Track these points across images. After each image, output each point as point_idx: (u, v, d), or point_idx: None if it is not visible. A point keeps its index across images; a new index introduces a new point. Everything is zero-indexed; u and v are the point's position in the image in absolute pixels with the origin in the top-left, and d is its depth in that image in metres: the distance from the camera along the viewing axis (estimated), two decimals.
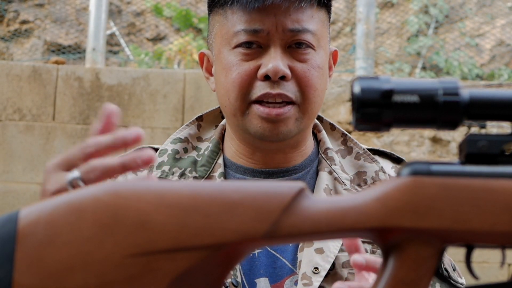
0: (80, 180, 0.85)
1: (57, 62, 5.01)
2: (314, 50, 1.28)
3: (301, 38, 1.26)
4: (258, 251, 1.29)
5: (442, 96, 0.72)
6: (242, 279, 1.27)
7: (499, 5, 7.40)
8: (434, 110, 0.72)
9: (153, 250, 0.69)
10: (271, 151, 1.31)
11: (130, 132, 0.86)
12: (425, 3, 7.29)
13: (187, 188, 0.72)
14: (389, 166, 1.40)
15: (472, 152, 0.73)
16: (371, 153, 1.38)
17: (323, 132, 1.40)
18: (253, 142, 1.31)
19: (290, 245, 1.30)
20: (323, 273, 1.25)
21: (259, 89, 1.25)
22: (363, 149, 1.38)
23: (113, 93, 4.62)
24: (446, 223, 0.71)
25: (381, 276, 0.72)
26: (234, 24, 1.27)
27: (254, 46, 1.27)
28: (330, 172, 1.34)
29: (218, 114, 1.42)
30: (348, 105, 4.53)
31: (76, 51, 6.97)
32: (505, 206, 0.71)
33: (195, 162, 1.35)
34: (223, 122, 1.39)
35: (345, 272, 1.27)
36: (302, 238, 0.73)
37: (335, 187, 1.33)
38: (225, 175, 1.34)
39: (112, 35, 7.04)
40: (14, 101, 4.63)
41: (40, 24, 7.26)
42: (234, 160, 1.35)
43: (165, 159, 1.35)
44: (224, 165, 1.35)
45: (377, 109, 0.72)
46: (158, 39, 7.44)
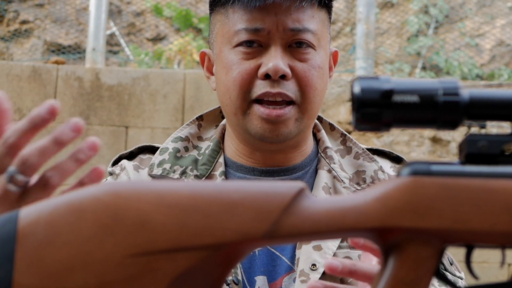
0: (18, 174, 0.80)
1: (57, 62, 5.01)
2: (315, 49, 1.28)
3: (302, 38, 1.27)
4: (258, 249, 1.29)
5: (442, 96, 0.72)
6: (242, 277, 1.28)
7: (499, 5, 7.40)
8: (434, 110, 0.72)
9: (153, 250, 0.69)
10: (271, 151, 1.32)
11: (42, 107, 0.81)
12: (425, 3, 7.29)
13: (187, 188, 0.72)
14: (388, 165, 1.40)
15: (472, 152, 0.73)
16: (370, 153, 1.39)
17: (323, 131, 1.40)
18: (253, 142, 1.31)
19: (288, 244, 1.30)
20: (321, 270, 1.25)
21: (259, 88, 1.26)
22: (362, 149, 1.39)
23: (113, 93, 4.62)
24: (446, 223, 0.71)
25: (381, 276, 0.72)
26: (235, 23, 1.27)
27: (255, 45, 1.27)
28: (329, 171, 1.34)
29: (218, 114, 1.42)
30: (348, 105, 4.53)
31: (76, 51, 6.97)
32: (505, 206, 0.71)
33: (196, 160, 1.35)
34: (223, 122, 1.39)
35: None
36: (302, 238, 0.73)
37: (334, 185, 1.33)
38: (225, 173, 1.34)
39: (112, 35, 7.04)
40: (14, 101, 4.63)
41: (40, 24, 7.26)
42: (235, 159, 1.35)
43: (166, 157, 1.35)
44: (225, 164, 1.35)
45: (377, 109, 0.72)
46: (158, 39, 7.44)
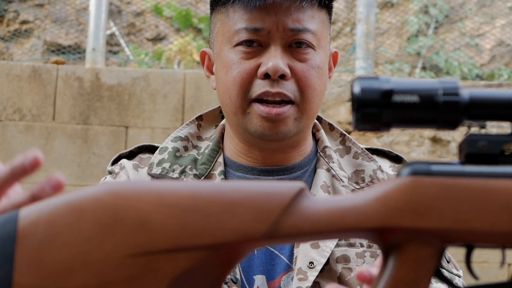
0: None
1: (57, 62, 5.01)
2: (314, 50, 1.28)
3: (302, 38, 1.27)
4: (257, 248, 1.29)
5: (442, 96, 0.72)
6: (241, 276, 1.28)
7: (499, 5, 7.40)
8: (434, 110, 0.72)
9: (153, 250, 0.69)
10: (270, 150, 1.32)
11: (27, 157, 0.78)
12: (425, 3, 7.29)
13: (187, 188, 0.72)
14: (387, 165, 1.40)
15: (472, 152, 0.73)
16: (369, 153, 1.39)
17: (322, 131, 1.40)
18: (252, 141, 1.31)
19: (287, 244, 1.30)
20: (319, 267, 1.25)
21: (259, 88, 1.26)
22: (361, 149, 1.39)
23: (113, 93, 4.62)
24: (446, 223, 0.71)
25: (381, 276, 0.72)
26: (235, 23, 1.28)
27: (255, 45, 1.27)
28: (328, 170, 1.35)
29: (218, 114, 1.43)
30: (348, 105, 4.53)
31: (76, 51, 6.97)
32: (505, 206, 0.71)
33: (195, 160, 1.36)
34: (223, 122, 1.40)
35: (339, 267, 1.27)
36: (302, 238, 0.73)
37: (333, 184, 1.34)
38: (225, 173, 1.34)
39: (112, 35, 7.04)
40: (14, 101, 4.63)
41: (40, 24, 7.25)
42: (234, 159, 1.35)
43: (165, 157, 1.35)
44: (224, 163, 1.35)
45: (377, 109, 0.72)
46: (158, 39, 7.44)
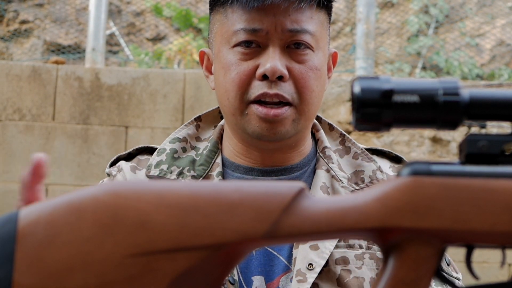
0: None
1: (57, 62, 5.01)
2: (313, 51, 1.28)
3: (300, 39, 1.27)
4: (256, 249, 1.29)
5: (442, 96, 0.72)
6: (239, 277, 1.28)
7: (499, 5, 7.40)
8: (434, 110, 0.72)
9: (153, 250, 0.69)
10: (269, 151, 1.32)
11: (31, 163, 0.81)
12: (425, 3, 7.29)
13: (187, 188, 0.72)
14: (387, 165, 1.40)
15: (472, 152, 0.73)
16: (369, 153, 1.39)
17: (321, 131, 1.40)
18: (251, 142, 1.31)
19: (287, 244, 1.30)
20: (318, 269, 1.25)
21: (257, 89, 1.26)
22: (361, 149, 1.39)
23: (113, 93, 4.62)
24: (446, 223, 0.71)
25: (381, 276, 0.72)
26: (234, 23, 1.28)
27: (253, 46, 1.27)
28: (328, 170, 1.34)
29: (216, 115, 1.42)
30: (348, 105, 4.53)
31: (76, 51, 6.97)
32: (505, 206, 0.71)
33: (193, 161, 1.35)
34: (222, 122, 1.39)
35: (338, 269, 1.27)
36: (302, 238, 0.73)
37: (332, 184, 1.33)
38: (223, 174, 1.34)
39: (112, 35, 7.04)
40: (14, 101, 4.63)
41: (40, 24, 7.25)
42: (233, 159, 1.35)
43: (163, 158, 1.35)
44: (223, 164, 1.35)
45: (377, 109, 0.72)
46: (158, 39, 7.44)
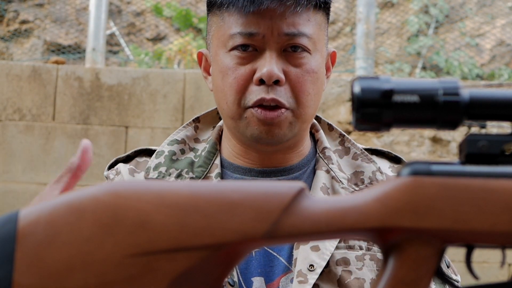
0: None
1: (57, 62, 5.01)
2: (310, 53, 1.27)
3: (297, 42, 1.26)
4: (255, 250, 1.29)
5: (442, 96, 0.72)
6: (238, 278, 1.27)
7: (499, 5, 7.40)
8: (434, 110, 0.72)
9: (153, 250, 0.69)
10: (267, 152, 1.32)
11: (77, 154, 0.84)
12: (425, 3, 7.29)
13: (187, 188, 0.72)
14: (386, 165, 1.40)
15: (472, 152, 0.73)
16: (368, 153, 1.39)
17: (321, 132, 1.40)
18: (249, 144, 1.31)
19: (287, 244, 1.29)
20: (319, 270, 1.25)
21: (254, 95, 1.26)
22: (361, 150, 1.39)
23: (113, 93, 4.62)
24: (446, 223, 0.71)
25: (381, 276, 0.72)
26: (230, 27, 1.27)
27: (250, 49, 1.26)
28: (328, 171, 1.34)
29: (215, 115, 1.42)
30: (348, 105, 4.53)
31: (76, 51, 6.97)
32: (505, 206, 0.71)
33: (192, 163, 1.35)
34: (220, 123, 1.39)
35: (339, 270, 1.27)
36: (302, 238, 0.73)
37: (332, 185, 1.33)
38: (222, 175, 1.34)
39: (112, 35, 7.04)
40: (14, 101, 4.63)
41: (40, 24, 7.25)
42: (231, 160, 1.35)
43: (162, 161, 1.35)
44: (222, 165, 1.35)
45: (377, 109, 0.72)
46: (158, 39, 7.44)
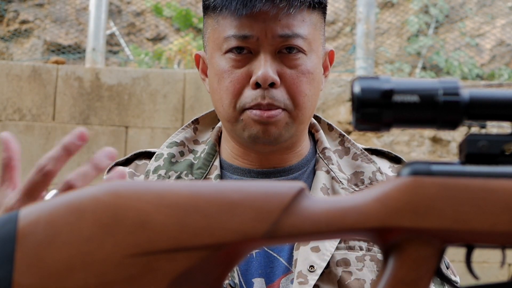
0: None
1: (57, 62, 5.01)
2: (305, 54, 1.27)
3: (292, 43, 1.26)
4: (255, 250, 1.29)
5: (442, 96, 0.72)
6: (239, 280, 1.27)
7: (499, 5, 7.40)
8: (434, 110, 0.72)
9: (153, 250, 0.69)
10: (266, 153, 1.32)
11: (72, 133, 0.87)
12: (425, 3, 7.29)
13: (187, 188, 0.72)
14: (386, 165, 1.40)
15: (472, 152, 0.73)
16: (368, 153, 1.38)
17: (321, 132, 1.40)
18: (247, 145, 1.31)
19: (287, 244, 1.29)
20: (319, 271, 1.25)
21: (250, 99, 1.25)
22: (361, 150, 1.38)
23: (113, 93, 4.62)
24: (446, 223, 0.71)
25: (381, 276, 0.72)
26: (225, 29, 1.27)
27: (245, 52, 1.26)
28: (328, 172, 1.34)
29: (214, 117, 1.42)
30: (348, 105, 4.53)
31: (76, 51, 6.97)
32: (505, 206, 0.71)
33: (191, 165, 1.35)
34: (220, 124, 1.38)
35: (340, 271, 1.27)
36: (302, 238, 0.73)
37: (332, 186, 1.33)
38: (221, 176, 1.34)
39: (112, 35, 7.04)
40: (14, 101, 4.63)
41: (40, 24, 7.25)
42: (230, 161, 1.35)
43: (161, 163, 1.35)
44: (221, 166, 1.35)
45: (377, 109, 0.72)
46: (158, 39, 7.44)
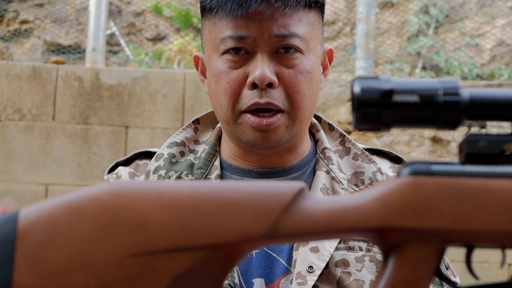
0: None
1: (57, 62, 5.01)
2: (303, 54, 1.26)
3: (288, 43, 1.25)
4: (255, 251, 1.29)
5: (442, 96, 0.72)
6: (239, 280, 1.27)
7: (499, 5, 7.40)
8: (434, 110, 0.72)
9: (153, 250, 0.69)
10: (265, 154, 1.32)
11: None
12: (425, 3, 7.29)
13: (187, 188, 0.72)
14: (387, 165, 1.39)
15: (472, 152, 0.73)
16: (369, 153, 1.38)
17: (321, 132, 1.39)
18: (246, 147, 1.31)
19: (287, 244, 1.29)
20: (318, 272, 1.25)
21: (248, 99, 1.25)
22: (361, 150, 1.38)
23: (113, 93, 4.62)
24: (446, 223, 0.71)
25: (381, 276, 0.72)
26: (221, 31, 1.27)
27: (242, 52, 1.26)
28: (328, 172, 1.34)
29: (214, 117, 1.41)
30: (348, 105, 4.53)
31: (76, 51, 6.97)
32: (505, 206, 0.71)
33: (191, 165, 1.35)
34: (220, 124, 1.39)
35: (339, 271, 1.27)
36: (302, 238, 0.73)
37: (332, 186, 1.33)
38: (221, 177, 1.33)
39: (112, 35, 7.04)
40: (14, 101, 4.63)
41: (40, 24, 7.25)
42: (230, 162, 1.35)
43: (161, 164, 1.35)
44: (221, 167, 1.35)
45: (377, 109, 0.72)
46: (158, 39, 7.44)
